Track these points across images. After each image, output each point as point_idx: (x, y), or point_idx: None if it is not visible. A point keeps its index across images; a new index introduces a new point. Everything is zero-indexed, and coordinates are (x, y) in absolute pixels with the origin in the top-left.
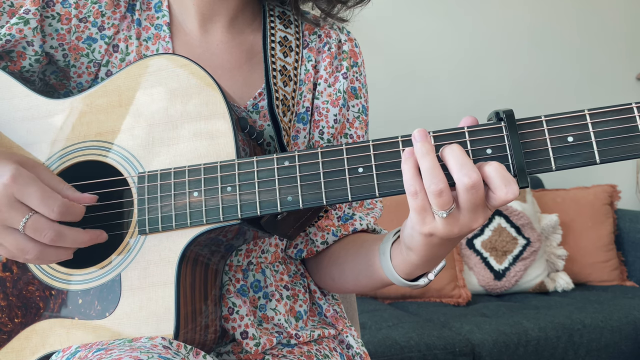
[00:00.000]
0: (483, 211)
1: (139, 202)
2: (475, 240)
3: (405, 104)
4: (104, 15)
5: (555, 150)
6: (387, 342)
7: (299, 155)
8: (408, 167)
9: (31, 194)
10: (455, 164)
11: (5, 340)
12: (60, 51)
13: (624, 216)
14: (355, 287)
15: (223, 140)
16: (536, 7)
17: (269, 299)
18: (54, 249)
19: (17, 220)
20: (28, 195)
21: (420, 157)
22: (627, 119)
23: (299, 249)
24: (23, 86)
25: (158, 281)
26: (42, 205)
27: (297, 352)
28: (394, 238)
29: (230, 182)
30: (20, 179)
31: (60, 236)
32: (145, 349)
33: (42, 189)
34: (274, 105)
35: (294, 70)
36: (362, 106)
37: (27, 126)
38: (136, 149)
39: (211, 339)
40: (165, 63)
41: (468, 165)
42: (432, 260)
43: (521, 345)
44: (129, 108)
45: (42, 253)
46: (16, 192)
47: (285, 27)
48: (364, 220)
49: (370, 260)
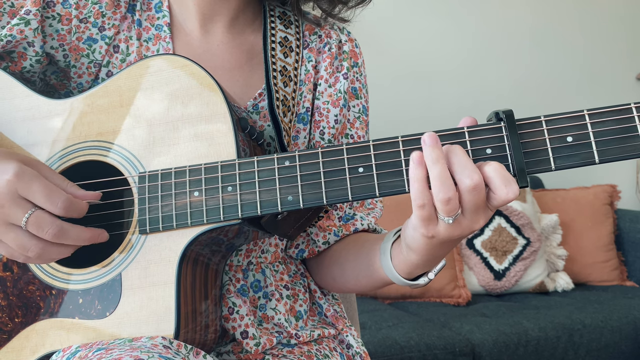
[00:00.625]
0: (484, 212)
1: (140, 202)
2: (475, 240)
3: (406, 104)
4: (105, 16)
5: (554, 150)
6: (387, 342)
7: (299, 155)
8: (417, 178)
9: (35, 190)
10: (456, 165)
11: (6, 340)
12: (60, 52)
13: (624, 216)
14: (356, 286)
15: (223, 140)
16: (537, 8)
17: (269, 298)
18: (56, 246)
19: (19, 216)
20: (32, 191)
21: (431, 163)
22: (626, 119)
23: (301, 249)
24: (24, 86)
25: (158, 281)
26: (47, 201)
27: (297, 352)
28: (394, 237)
29: (230, 181)
30: (24, 176)
31: (63, 232)
32: (145, 348)
33: (46, 185)
34: (274, 106)
35: (294, 70)
36: (362, 106)
37: (28, 126)
38: (137, 149)
39: (211, 338)
40: (166, 64)
41: (469, 167)
42: (432, 260)
43: (521, 345)
44: (130, 108)
45: (43, 250)
46: (20, 188)
47: (286, 27)
48: (365, 220)
49: (371, 260)
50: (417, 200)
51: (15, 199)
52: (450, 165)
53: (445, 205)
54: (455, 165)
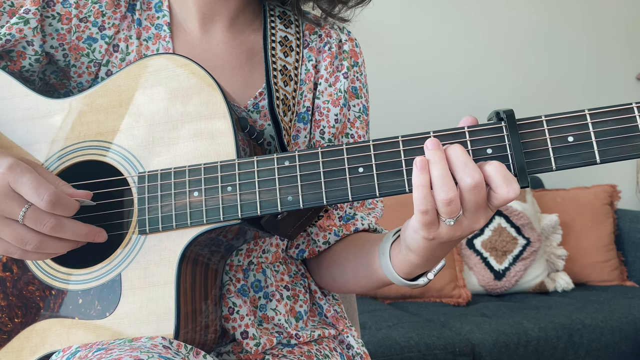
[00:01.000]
0: (485, 211)
1: (139, 202)
2: (475, 240)
3: (408, 105)
4: (105, 15)
5: (555, 150)
6: (387, 342)
7: (299, 155)
8: (420, 184)
9: (24, 182)
10: (457, 164)
11: (6, 340)
12: (60, 51)
13: (624, 216)
14: (356, 286)
15: (223, 140)
16: (539, 8)
17: (270, 299)
18: (53, 240)
19: (16, 210)
20: (22, 183)
21: (432, 164)
22: (627, 119)
23: (301, 249)
24: (23, 86)
25: (158, 281)
26: (34, 193)
27: (297, 352)
28: (393, 238)
29: (230, 181)
30: (16, 169)
31: (61, 225)
32: (145, 348)
33: (37, 178)
34: (275, 105)
35: (295, 70)
36: (362, 106)
37: (27, 126)
38: (136, 149)
39: (211, 338)
40: (165, 63)
41: (470, 166)
42: (431, 260)
43: (521, 345)
44: (129, 108)
45: (41, 243)
46: (11, 180)
47: (286, 27)
48: (365, 220)
49: (370, 260)
50: (420, 206)
51: (9, 193)
52: (450, 164)
53: (447, 207)
54: (455, 164)
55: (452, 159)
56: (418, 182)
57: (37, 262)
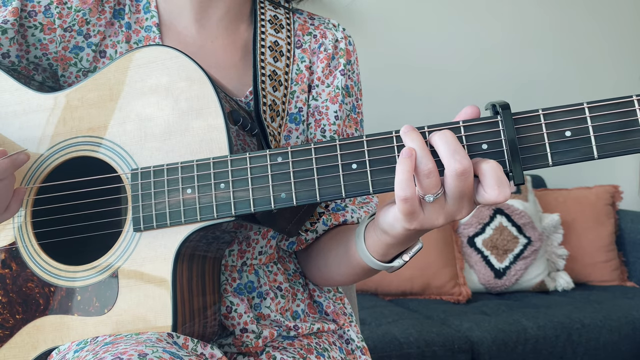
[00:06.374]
0: (468, 203)
1: (133, 199)
2: (477, 239)
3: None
4: (89, 23)
5: (552, 146)
6: (386, 338)
7: (292, 152)
8: (402, 170)
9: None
10: (446, 150)
11: (8, 336)
12: (44, 60)
13: (626, 217)
14: (339, 275)
15: (216, 134)
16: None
17: (264, 297)
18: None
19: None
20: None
21: (409, 140)
22: (627, 113)
23: (291, 241)
24: (13, 79)
25: (155, 278)
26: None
27: (298, 345)
28: (369, 220)
29: (223, 178)
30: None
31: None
32: (150, 342)
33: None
34: (261, 111)
35: (285, 75)
36: (352, 105)
37: (19, 121)
38: (128, 145)
39: (211, 332)
40: (155, 54)
41: (461, 152)
42: (406, 243)
43: (520, 344)
44: (120, 102)
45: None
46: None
47: (276, 32)
48: (355, 213)
49: (349, 245)
50: (400, 192)
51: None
52: (439, 148)
53: (426, 179)
54: (444, 150)
55: (440, 144)
56: (400, 168)
57: (35, 259)
